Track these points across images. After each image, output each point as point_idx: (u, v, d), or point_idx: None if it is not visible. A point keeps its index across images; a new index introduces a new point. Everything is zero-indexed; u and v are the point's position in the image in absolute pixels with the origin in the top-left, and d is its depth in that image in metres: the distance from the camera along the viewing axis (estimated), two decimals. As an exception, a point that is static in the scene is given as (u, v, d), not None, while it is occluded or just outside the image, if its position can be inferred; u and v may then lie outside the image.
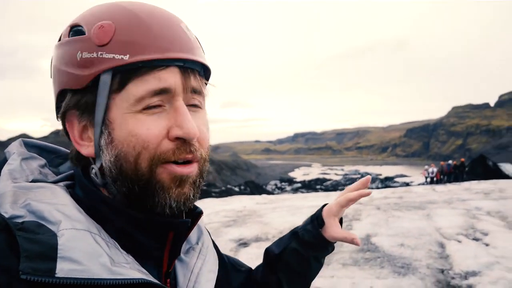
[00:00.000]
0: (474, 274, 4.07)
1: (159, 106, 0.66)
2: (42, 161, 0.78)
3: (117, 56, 0.64)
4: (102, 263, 0.57)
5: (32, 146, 0.80)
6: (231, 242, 6.14)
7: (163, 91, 0.65)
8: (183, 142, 0.66)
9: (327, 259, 4.73)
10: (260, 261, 1.08)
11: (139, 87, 0.64)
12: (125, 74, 0.65)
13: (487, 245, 5.24)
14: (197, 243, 0.85)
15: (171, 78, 0.65)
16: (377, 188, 39.20)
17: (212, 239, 0.98)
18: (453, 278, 4.04)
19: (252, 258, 5.38)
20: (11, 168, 0.70)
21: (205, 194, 27.92)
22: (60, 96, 0.70)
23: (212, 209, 11.63)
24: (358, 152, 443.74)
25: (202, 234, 0.88)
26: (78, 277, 0.54)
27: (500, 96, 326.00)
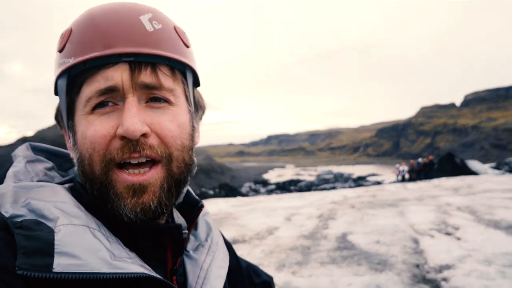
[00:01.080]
0: (448, 267, 4.16)
1: (112, 105, 0.65)
2: (49, 164, 0.78)
3: (66, 60, 0.65)
4: (101, 258, 0.56)
5: (40, 150, 0.81)
6: (208, 245, 6.07)
7: (110, 90, 0.64)
8: (128, 141, 0.63)
9: (305, 258, 4.73)
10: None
11: (88, 88, 0.64)
12: (78, 77, 0.65)
13: (458, 239, 5.37)
14: (206, 239, 0.86)
15: (117, 75, 0.63)
16: (350, 187, 39.75)
17: (224, 238, 0.99)
18: (428, 272, 4.12)
19: (230, 260, 5.33)
20: (16, 170, 0.71)
21: (180, 198, 27.63)
22: None
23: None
24: (331, 152, 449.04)
25: (211, 231, 0.89)
26: (76, 272, 0.53)
27: (466, 96, 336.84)
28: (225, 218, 8.58)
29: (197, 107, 0.80)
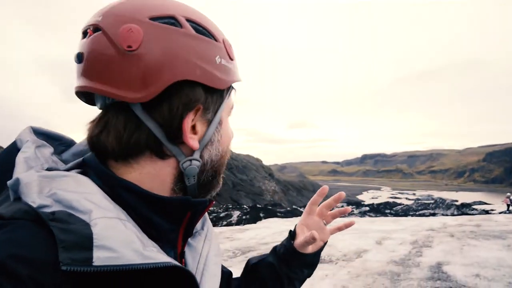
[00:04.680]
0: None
1: None
2: (51, 148, 0.77)
3: (237, 71, 0.80)
4: (135, 249, 0.59)
5: (39, 133, 0.79)
6: (294, 262, 6.10)
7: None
8: None
9: (393, 285, 4.53)
10: (325, 285, 1.10)
11: (232, 98, 0.80)
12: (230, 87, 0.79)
13: None
14: (202, 228, 0.89)
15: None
16: (453, 215, 36.67)
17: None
18: (535, 315, 3.69)
19: (315, 279, 5.30)
20: (26, 156, 0.70)
21: (270, 214, 27.94)
22: (175, 84, 0.67)
23: (276, 228, 11.65)
24: (431, 176, 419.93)
25: (206, 221, 0.92)
26: (114, 264, 0.55)
27: None
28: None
29: None
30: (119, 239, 0.58)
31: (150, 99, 0.65)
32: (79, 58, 0.67)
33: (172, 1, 0.73)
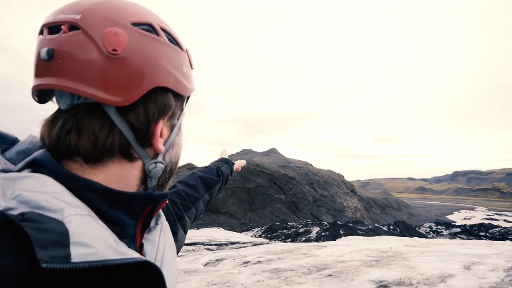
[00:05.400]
0: None
1: None
2: None
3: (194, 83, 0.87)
4: (109, 245, 0.60)
5: None
6: (370, 283, 5.87)
7: None
8: None
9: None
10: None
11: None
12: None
13: None
14: (157, 223, 0.92)
15: None
16: (562, 240, 32.56)
17: (175, 209, 1.20)
18: None
19: (393, 302, 5.05)
20: None
21: (351, 231, 27.14)
22: (151, 90, 0.72)
23: (356, 246, 11.30)
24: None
25: (160, 216, 0.96)
26: (91, 260, 0.56)
27: None
28: (394, 257, 8.16)
29: None
30: (94, 236, 0.59)
31: (130, 103, 0.67)
32: (49, 54, 0.65)
33: (146, 9, 0.76)
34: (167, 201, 1.15)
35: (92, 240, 0.58)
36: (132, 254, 0.63)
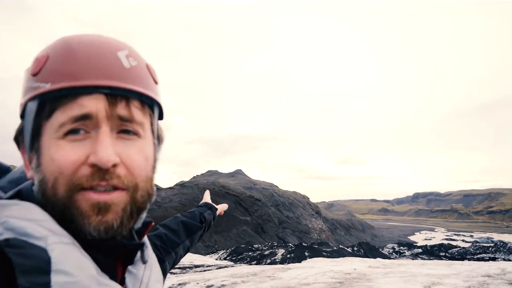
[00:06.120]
0: None
1: (84, 132, 0.68)
2: None
3: (41, 85, 0.69)
4: (91, 275, 0.61)
5: None
6: (334, 305, 5.86)
7: (84, 117, 0.67)
8: (99, 169, 0.66)
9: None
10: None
11: (62, 114, 0.67)
12: (52, 102, 0.68)
13: None
14: (142, 257, 0.88)
15: (93, 104, 0.67)
16: (516, 260, 33.89)
17: (156, 252, 1.13)
18: None
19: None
20: None
21: (315, 253, 27.23)
22: None
23: (320, 268, 11.31)
24: (490, 217, 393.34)
25: (147, 248, 0.91)
26: None
27: None
28: (357, 278, 8.21)
29: (159, 140, 0.87)
30: (75, 264, 0.60)
31: None
32: None
33: None
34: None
35: (73, 268, 0.58)
36: (114, 285, 0.63)
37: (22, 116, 0.74)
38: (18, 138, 0.76)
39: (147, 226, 0.87)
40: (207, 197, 1.71)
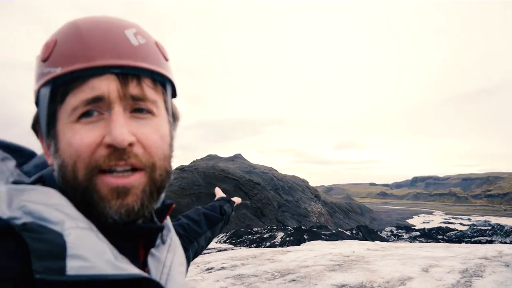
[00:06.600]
0: None
1: (98, 114, 0.67)
2: (14, 161, 0.78)
3: (52, 70, 0.68)
4: (107, 259, 0.60)
5: (0, 145, 0.79)
6: (332, 287, 5.94)
7: (96, 99, 0.66)
8: (115, 150, 0.66)
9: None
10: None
11: (74, 98, 0.67)
12: (64, 87, 0.67)
13: None
14: (164, 240, 0.90)
15: (104, 85, 0.67)
16: (512, 243, 34.19)
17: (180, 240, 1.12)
18: None
19: (355, 306, 5.12)
20: None
21: (315, 236, 27.44)
22: None
23: (319, 251, 11.42)
24: (488, 200, 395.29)
25: (170, 232, 0.94)
26: (86, 274, 0.56)
27: None
28: (356, 261, 8.30)
29: (174, 118, 0.85)
30: (92, 249, 0.59)
31: None
32: None
33: None
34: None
35: (89, 253, 0.58)
36: (132, 269, 0.63)
37: (37, 103, 0.73)
38: (36, 126, 0.76)
39: (168, 208, 0.88)
40: (220, 193, 1.74)
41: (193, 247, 1.25)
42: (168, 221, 0.96)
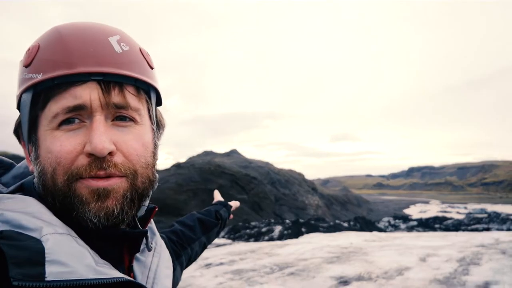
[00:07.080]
0: None
1: (79, 122, 0.67)
2: None
3: (34, 76, 0.68)
4: (87, 264, 0.59)
5: None
6: (331, 279, 5.95)
7: (78, 108, 0.66)
8: (96, 158, 0.66)
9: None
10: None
11: (56, 104, 0.66)
12: (46, 93, 0.67)
13: None
14: (149, 244, 0.89)
15: (86, 94, 0.66)
16: (509, 230, 34.47)
17: (165, 239, 1.12)
18: None
19: (353, 297, 5.14)
20: None
21: (312, 229, 27.53)
22: None
23: (317, 243, 11.45)
24: (483, 188, 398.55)
25: (155, 235, 0.94)
26: (66, 279, 0.55)
27: None
28: (354, 252, 8.32)
29: (159, 126, 0.84)
30: (71, 254, 0.59)
31: None
32: None
33: None
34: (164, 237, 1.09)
35: (69, 258, 0.58)
36: (114, 274, 0.62)
37: (19, 108, 0.73)
38: (18, 131, 0.76)
39: (151, 212, 0.87)
40: (218, 196, 1.71)
41: (186, 253, 1.24)
42: (152, 224, 0.95)
